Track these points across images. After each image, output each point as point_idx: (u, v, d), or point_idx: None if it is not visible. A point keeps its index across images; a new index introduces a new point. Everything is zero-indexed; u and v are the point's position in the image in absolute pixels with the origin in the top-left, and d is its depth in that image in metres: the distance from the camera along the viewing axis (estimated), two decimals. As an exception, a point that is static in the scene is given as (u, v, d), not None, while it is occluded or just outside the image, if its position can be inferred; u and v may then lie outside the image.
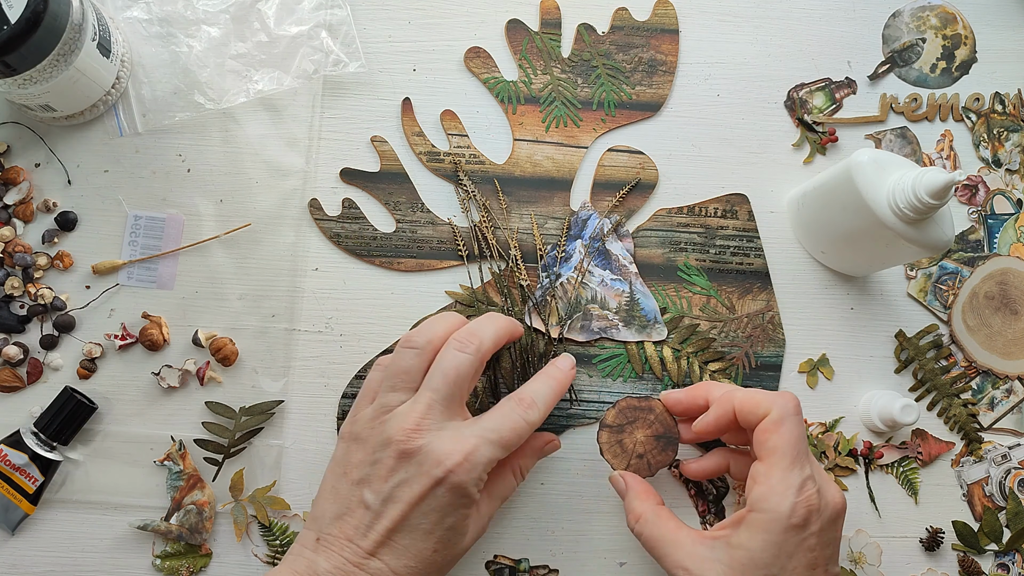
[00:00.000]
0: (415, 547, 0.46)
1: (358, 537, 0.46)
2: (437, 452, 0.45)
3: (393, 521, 0.45)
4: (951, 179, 0.47)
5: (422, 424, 0.46)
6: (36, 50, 0.48)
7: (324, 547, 0.46)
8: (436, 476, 0.45)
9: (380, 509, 0.45)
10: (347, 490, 0.47)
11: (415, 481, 0.45)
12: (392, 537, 0.45)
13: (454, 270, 0.59)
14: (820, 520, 0.46)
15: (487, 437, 0.46)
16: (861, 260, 0.57)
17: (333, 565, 0.45)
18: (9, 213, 0.57)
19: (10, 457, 0.53)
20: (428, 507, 0.45)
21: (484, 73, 0.61)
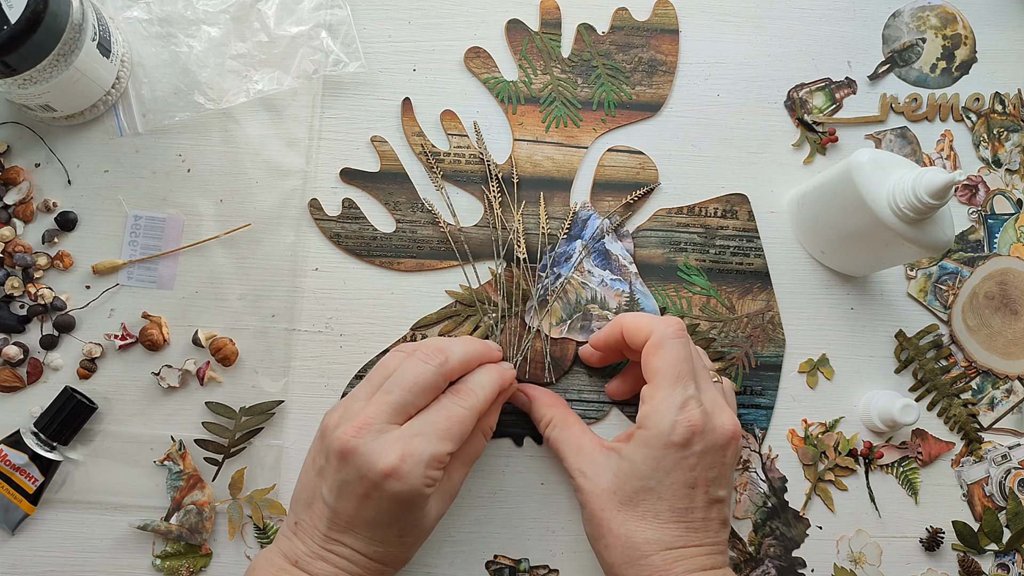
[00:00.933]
0: (379, 536, 0.46)
1: (323, 527, 0.46)
2: (370, 457, 0.44)
3: (348, 516, 0.46)
4: (951, 179, 0.47)
5: (365, 425, 0.45)
6: (36, 50, 0.48)
7: (300, 531, 0.47)
8: (372, 480, 0.44)
9: (335, 505, 0.46)
10: (311, 480, 0.48)
11: (356, 483, 0.45)
12: (352, 529, 0.46)
13: (454, 270, 0.59)
14: (703, 442, 0.47)
15: (424, 433, 0.45)
16: (861, 260, 0.57)
17: (309, 550, 0.46)
18: (9, 213, 0.57)
19: (10, 457, 0.53)
20: (376, 506, 0.45)
21: (484, 73, 0.61)
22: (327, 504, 0.46)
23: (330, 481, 0.46)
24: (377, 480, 0.44)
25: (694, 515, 0.47)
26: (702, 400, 0.48)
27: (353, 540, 0.46)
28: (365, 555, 0.46)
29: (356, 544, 0.46)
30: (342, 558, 0.46)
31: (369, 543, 0.46)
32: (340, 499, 0.46)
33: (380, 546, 0.46)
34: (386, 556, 0.47)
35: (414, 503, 0.45)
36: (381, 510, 0.45)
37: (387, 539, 0.46)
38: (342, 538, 0.46)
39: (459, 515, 0.57)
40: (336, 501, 0.46)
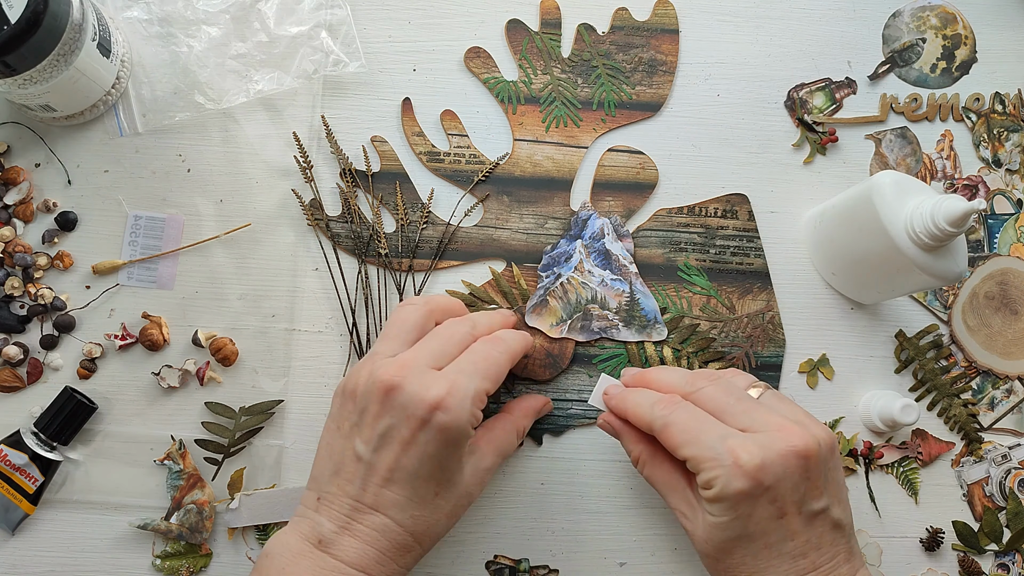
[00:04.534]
0: (416, 494, 0.45)
1: (356, 491, 0.45)
2: (419, 391, 0.44)
3: (387, 469, 0.44)
4: (971, 208, 0.46)
5: (408, 365, 0.45)
6: (36, 50, 0.48)
7: (325, 506, 0.45)
8: (420, 416, 0.44)
9: (372, 458, 0.45)
10: (340, 444, 0.46)
11: (402, 424, 0.44)
12: (389, 486, 0.45)
13: (454, 270, 0.59)
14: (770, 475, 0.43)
15: (465, 371, 0.46)
16: (871, 285, 0.57)
17: (336, 524, 0.45)
18: (9, 213, 0.57)
19: (10, 457, 0.53)
20: (419, 450, 0.44)
21: (484, 73, 0.61)
22: (362, 460, 0.45)
23: (367, 432, 0.45)
24: (424, 415, 0.44)
25: (795, 542, 0.44)
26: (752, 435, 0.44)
27: (387, 503, 0.44)
28: (398, 523, 0.45)
29: (389, 508, 0.44)
30: (372, 529, 0.44)
31: (404, 507, 0.45)
32: (380, 449, 0.44)
33: (416, 508, 0.45)
34: (417, 525, 0.45)
35: (458, 443, 0.45)
36: (424, 456, 0.44)
37: (423, 498, 0.45)
38: (375, 503, 0.44)
39: (459, 515, 0.57)
40: (375, 453, 0.44)
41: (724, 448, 0.44)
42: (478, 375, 0.46)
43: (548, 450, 0.58)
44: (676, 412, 0.46)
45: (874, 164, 0.62)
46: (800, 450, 0.44)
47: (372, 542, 0.44)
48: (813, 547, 0.45)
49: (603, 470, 0.57)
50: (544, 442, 0.58)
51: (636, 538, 0.57)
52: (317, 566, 0.44)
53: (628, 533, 0.57)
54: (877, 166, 0.62)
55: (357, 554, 0.44)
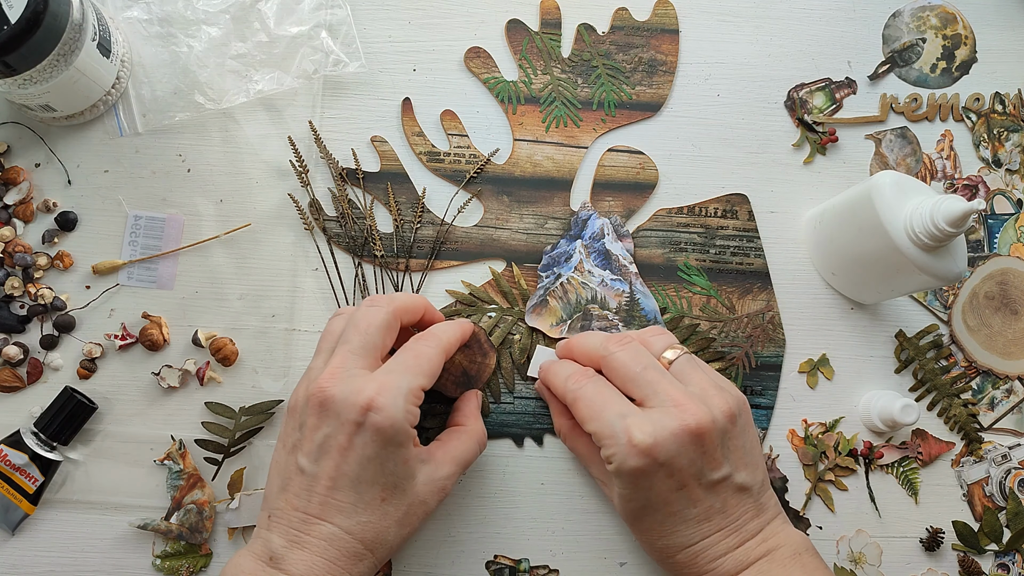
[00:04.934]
0: (361, 500, 0.45)
1: (302, 504, 0.45)
2: (349, 395, 0.44)
3: (329, 478, 0.45)
4: (970, 208, 0.47)
5: (335, 373, 0.45)
6: (36, 50, 0.48)
7: (275, 522, 0.46)
8: (352, 420, 0.44)
9: (314, 469, 0.45)
10: (284, 460, 0.47)
11: (337, 431, 0.44)
12: (333, 494, 0.45)
13: (455, 270, 0.59)
14: (663, 451, 0.45)
15: (395, 370, 0.46)
16: (870, 285, 0.57)
17: (286, 539, 0.45)
18: (9, 213, 0.57)
19: (10, 457, 0.53)
20: (359, 454, 0.44)
21: (484, 73, 0.61)
22: (306, 473, 0.45)
23: (308, 445, 0.45)
24: (357, 418, 0.44)
25: (698, 508, 0.47)
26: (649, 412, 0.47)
27: (333, 511, 0.45)
28: (345, 530, 0.45)
29: (335, 516, 0.45)
30: (320, 539, 0.44)
31: (350, 513, 0.45)
32: (320, 459, 0.45)
33: (362, 515, 0.45)
34: (366, 532, 0.45)
35: (397, 440, 0.45)
36: (363, 459, 0.44)
37: (369, 504, 0.45)
38: (321, 512, 0.45)
39: (459, 515, 0.57)
40: (316, 463, 0.45)
41: (621, 426, 0.46)
42: (409, 372, 0.46)
43: (548, 450, 0.58)
44: (584, 387, 0.49)
45: (874, 164, 0.62)
46: (692, 428, 0.46)
47: (321, 552, 0.44)
48: (717, 511, 0.47)
49: (603, 470, 0.57)
50: (544, 442, 0.58)
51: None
52: None
53: (628, 533, 0.57)
54: (877, 166, 0.62)
55: (306, 566, 0.44)
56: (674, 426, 0.45)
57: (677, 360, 0.50)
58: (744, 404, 0.49)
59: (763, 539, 0.48)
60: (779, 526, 0.49)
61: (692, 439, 0.46)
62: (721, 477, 0.47)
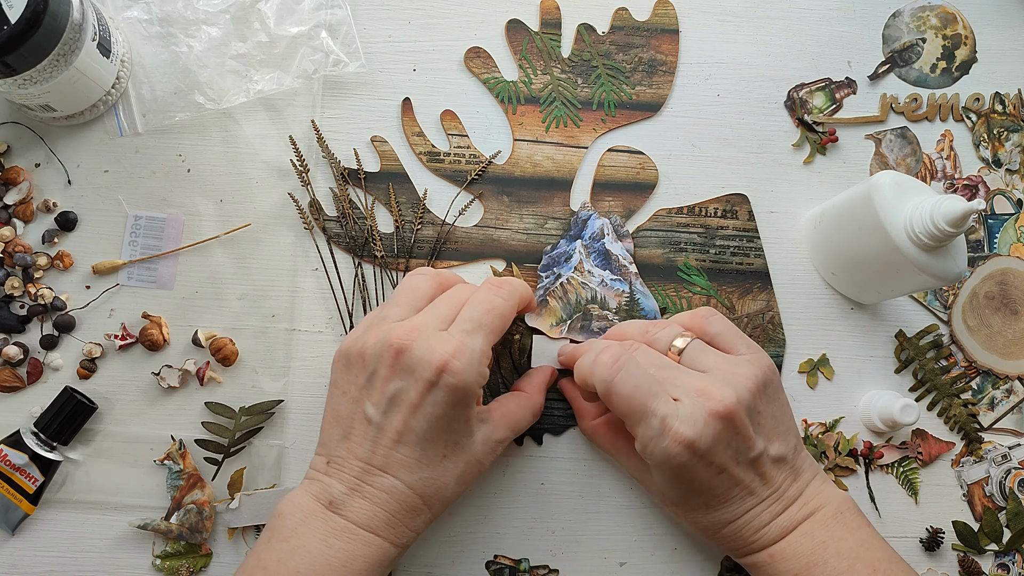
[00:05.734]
0: (425, 456, 0.46)
1: (365, 453, 0.46)
2: (424, 352, 0.45)
3: (396, 431, 0.45)
4: (970, 208, 0.47)
5: (417, 327, 0.46)
6: (36, 50, 0.48)
7: (335, 469, 0.46)
8: (428, 377, 0.45)
9: (381, 421, 0.46)
10: (348, 408, 0.47)
11: (411, 386, 0.45)
12: (398, 448, 0.45)
13: (454, 270, 0.59)
14: (703, 442, 0.45)
15: (466, 328, 0.47)
16: (870, 285, 0.57)
17: (346, 487, 0.46)
18: (9, 213, 0.57)
19: (10, 457, 0.53)
20: (429, 410, 0.45)
21: (484, 73, 0.61)
22: (372, 422, 0.46)
23: (377, 395, 0.46)
24: (432, 377, 0.44)
25: (739, 486, 0.48)
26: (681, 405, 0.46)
27: (396, 464, 0.45)
28: (407, 484, 0.46)
29: (398, 470, 0.46)
30: (382, 491, 0.45)
31: (413, 468, 0.46)
32: (390, 412, 0.45)
33: (424, 470, 0.46)
34: (427, 486, 0.46)
35: (465, 403, 0.46)
36: (432, 417, 0.45)
37: (432, 459, 0.46)
38: (385, 464, 0.45)
39: (459, 515, 0.57)
40: (384, 415, 0.45)
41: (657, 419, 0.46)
42: (481, 332, 0.47)
43: (548, 450, 0.58)
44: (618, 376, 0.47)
45: (874, 164, 0.62)
46: (721, 412, 0.46)
47: (382, 504, 0.45)
48: (758, 485, 0.48)
49: (603, 470, 0.57)
50: (544, 442, 0.58)
51: (636, 538, 0.57)
52: (328, 526, 0.45)
53: (628, 533, 0.57)
54: (877, 166, 0.62)
55: (367, 515, 0.45)
56: (704, 415, 0.46)
57: (687, 348, 0.50)
58: (769, 369, 0.49)
59: (804, 502, 0.48)
60: (818, 486, 0.49)
61: (723, 423, 0.46)
62: (757, 454, 0.47)
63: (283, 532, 0.45)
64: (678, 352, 0.50)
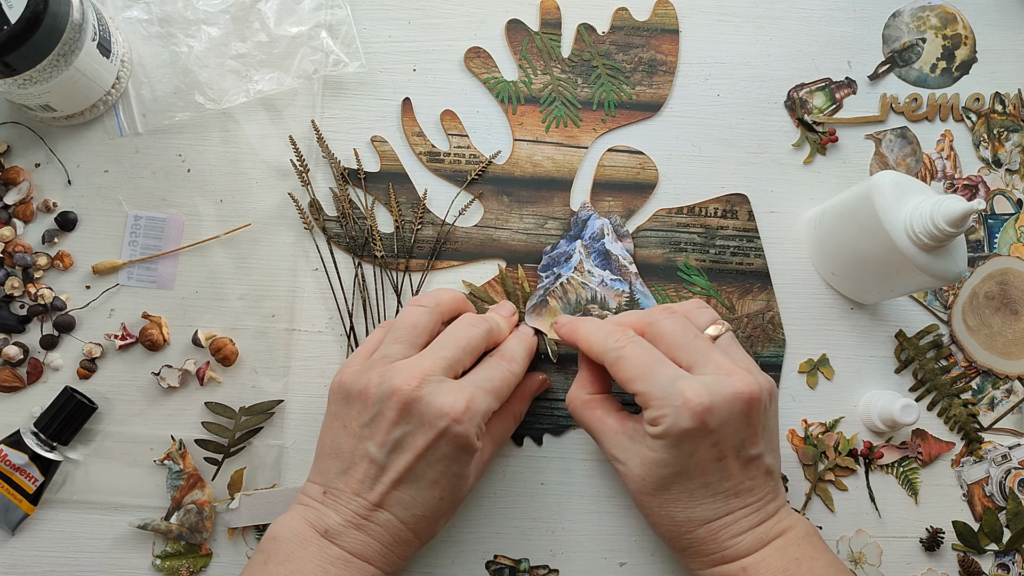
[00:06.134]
0: (421, 496, 0.47)
1: (364, 490, 0.46)
2: (440, 403, 0.45)
3: (399, 473, 0.46)
4: (970, 208, 0.47)
5: (427, 377, 0.46)
6: (36, 50, 0.48)
7: (332, 500, 0.47)
8: (440, 427, 0.45)
9: (385, 462, 0.46)
10: (349, 444, 0.47)
11: (419, 433, 0.46)
12: (398, 488, 0.46)
13: (454, 270, 0.59)
14: (716, 417, 0.45)
15: (483, 387, 0.48)
16: (870, 285, 0.57)
17: (343, 518, 0.46)
18: (9, 213, 0.57)
19: (10, 457, 0.53)
20: (432, 458, 0.46)
21: (484, 73, 0.61)
22: (375, 462, 0.46)
23: (382, 436, 0.46)
24: (443, 426, 0.45)
25: (730, 482, 0.47)
26: (697, 376, 0.46)
27: (393, 502, 0.46)
28: (401, 520, 0.47)
29: (395, 507, 0.46)
30: (378, 525, 0.46)
31: (410, 506, 0.46)
32: (395, 453, 0.46)
33: (419, 509, 0.47)
34: (420, 523, 0.47)
35: (468, 453, 0.47)
36: (435, 461, 0.46)
37: (428, 501, 0.47)
38: (382, 502, 0.46)
39: (459, 515, 0.57)
40: (388, 456, 0.46)
41: (674, 388, 0.45)
42: (492, 395, 0.48)
43: (548, 450, 0.58)
44: (630, 346, 0.48)
45: (874, 164, 0.62)
46: (745, 395, 0.46)
47: (376, 536, 0.47)
48: (746, 489, 0.47)
49: (603, 470, 0.57)
50: (544, 442, 0.58)
51: (636, 538, 0.57)
52: (324, 553, 0.46)
53: (628, 533, 0.57)
54: (877, 166, 0.62)
55: (362, 546, 0.46)
56: (727, 392, 0.45)
57: (721, 337, 0.50)
58: (776, 389, 0.50)
59: (779, 520, 0.48)
60: (788, 510, 0.50)
61: (743, 407, 0.46)
62: (756, 454, 0.47)
63: (279, 556, 0.46)
64: (712, 338, 0.50)
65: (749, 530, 0.47)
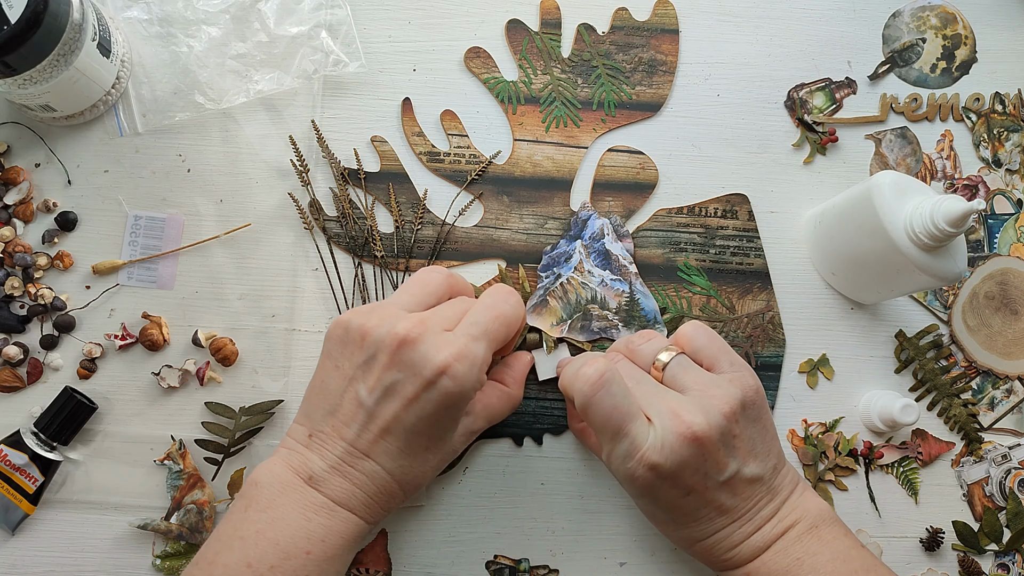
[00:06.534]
0: (408, 446, 0.46)
1: (351, 435, 0.45)
2: (431, 352, 0.44)
3: (386, 421, 0.45)
4: (970, 208, 0.47)
5: (426, 324, 0.45)
6: (36, 50, 0.48)
7: (317, 444, 0.46)
8: (426, 377, 0.44)
9: (373, 408, 0.45)
10: (339, 384, 0.46)
11: (408, 381, 0.44)
12: (385, 437, 0.45)
13: (455, 270, 0.59)
14: (669, 462, 0.45)
15: (471, 333, 0.46)
16: (870, 285, 0.57)
17: (327, 464, 0.45)
18: (9, 213, 0.57)
19: (10, 457, 0.53)
20: (421, 409, 0.45)
21: (484, 73, 0.61)
22: (363, 406, 0.45)
23: (373, 381, 0.45)
24: (432, 376, 0.44)
25: (711, 505, 0.47)
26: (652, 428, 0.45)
27: (380, 452, 0.45)
28: (387, 470, 0.46)
29: (381, 457, 0.45)
30: (363, 473, 0.45)
31: (396, 456, 0.46)
32: (384, 400, 0.45)
33: (405, 459, 0.46)
34: (405, 474, 0.46)
35: (458, 407, 0.46)
36: (424, 414, 0.45)
37: (415, 451, 0.46)
38: (368, 450, 0.45)
39: (459, 515, 0.57)
40: (377, 403, 0.45)
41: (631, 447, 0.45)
42: (486, 339, 0.46)
43: (548, 450, 0.58)
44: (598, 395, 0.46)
45: (874, 164, 0.62)
46: (689, 437, 0.45)
47: (361, 485, 0.46)
48: (729, 507, 0.47)
49: (603, 470, 0.57)
50: (544, 442, 0.58)
51: (636, 538, 0.57)
52: (306, 500, 0.45)
53: (628, 533, 0.57)
54: (877, 166, 0.62)
55: (346, 494, 0.45)
56: (673, 439, 0.45)
57: (671, 363, 0.49)
58: (750, 390, 0.47)
59: (779, 519, 0.47)
60: (796, 501, 0.48)
61: (692, 447, 0.45)
62: (729, 476, 0.46)
63: (260, 502, 0.45)
64: (662, 367, 0.49)
65: (743, 541, 0.47)
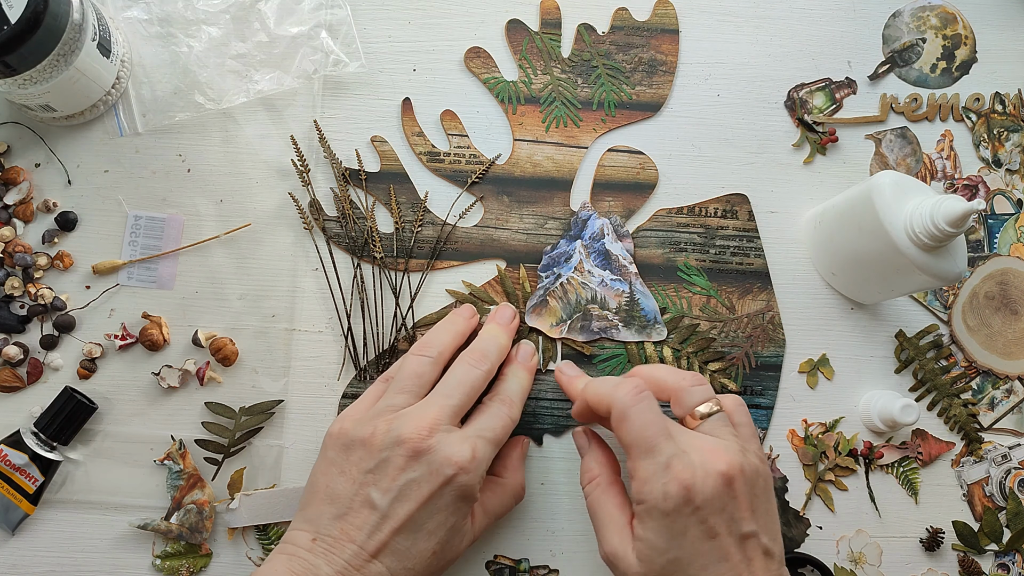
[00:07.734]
0: (416, 548, 0.46)
1: (361, 538, 0.45)
2: (448, 452, 0.46)
3: (400, 521, 0.46)
4: (970, 208, 0.47)
5: (436, 427, 0.47)
6: (36, 50, 0.48)
7: (323, 548, 0.46)
8: (446, 475, 0.46)
9: (387, 509, 0.46)
10: (348, 489, 0.47)
11: (425, 480, 0.46)
12: (396, 538, 0.46)
13: (455, 270, 0.59)
14: (701, 493, 0.44)
15: (485, 436, 0.48)
16: (871, 286, 0.57)
17: (334, 569, 0.45)
18: (9, 213, 0.57)
19: (10, 457, 0.53)
20: (435, 507, 0.46)
21: (484, 73, 0.61)
22: (377, 509, 0.46)
23: (387, 483, 0.46)
24: (450, 474, 0.46)
25: (730, 562, 0.45)
26: (688, 451, 0.45)
27: (389, 553, 0.46)
28: (392, 573, 0.46)
29: (388, 558, 0.46)
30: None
31: (403, 558, 0.46)
32: (399, 500, 0.46)
33: (412, 561, 0.46)
34: None
35: (469, 502, 0.47)
36: (437, 510, 0.46)
37: (423, 553, 0.46)
38: (378, 551, 0.45)
39: (459, 515, 0.57)
40: (392, 504, 0.46)
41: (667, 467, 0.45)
42: (492, 443, 0.49)
43: (548, 450, 0.58)
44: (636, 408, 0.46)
45: (874, 164, 0.62)
46: (723, 471, 0.45)
47: None
48: (746, 572, 0.45)
49: (603, 470, 0.57)
50: (544, 442, 0.58)
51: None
52: None
53: (628, 533, 0.57)
54: (877, 166, 0.62)
55: None
56: (708, 468, 0.45)
57: (712, 417, 0.48)
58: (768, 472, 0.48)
59: None
60: None
61: (724, 481, 0.45)
62: (750, 531, 0.45)
63: None
64: (701, 416, 0.48)
65: None
